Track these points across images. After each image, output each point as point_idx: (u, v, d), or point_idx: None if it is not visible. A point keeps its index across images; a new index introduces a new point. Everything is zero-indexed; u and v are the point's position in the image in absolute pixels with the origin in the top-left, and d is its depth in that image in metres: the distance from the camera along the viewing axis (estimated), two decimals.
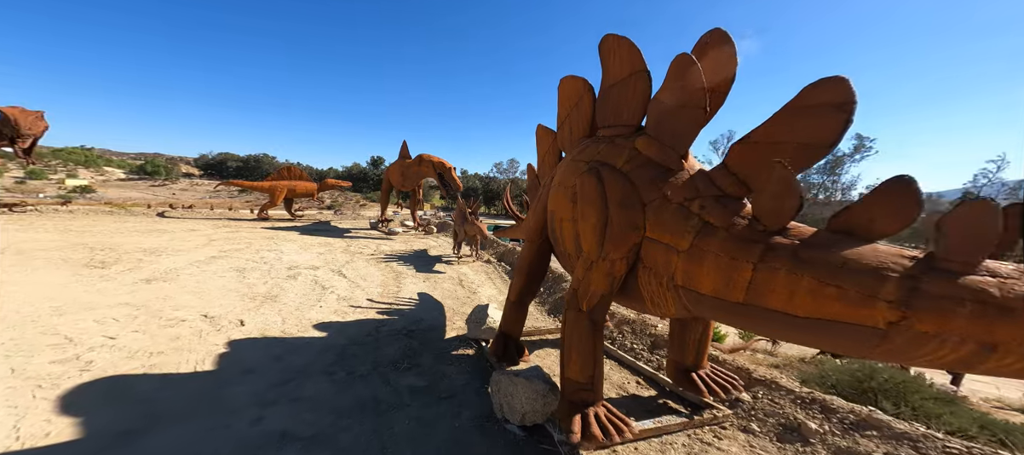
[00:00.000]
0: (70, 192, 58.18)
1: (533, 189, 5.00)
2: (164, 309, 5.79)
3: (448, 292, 7.79)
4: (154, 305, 5.92)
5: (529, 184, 5.24)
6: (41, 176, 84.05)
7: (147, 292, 6.49)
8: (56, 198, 32.52)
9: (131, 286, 6.75)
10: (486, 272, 9.97)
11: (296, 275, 8.35)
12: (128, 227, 14.06)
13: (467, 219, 10.62)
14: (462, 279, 8.93)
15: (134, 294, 6.32)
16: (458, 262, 10.80)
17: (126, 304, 5.85)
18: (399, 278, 8.71)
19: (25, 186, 63.93)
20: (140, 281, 7.08)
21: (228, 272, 8.26)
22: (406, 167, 17.71)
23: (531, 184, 5.15)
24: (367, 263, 10.30)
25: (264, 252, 10.89)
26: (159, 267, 8.15)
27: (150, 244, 10.65)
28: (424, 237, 17.77)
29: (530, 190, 5.29)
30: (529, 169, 5.15)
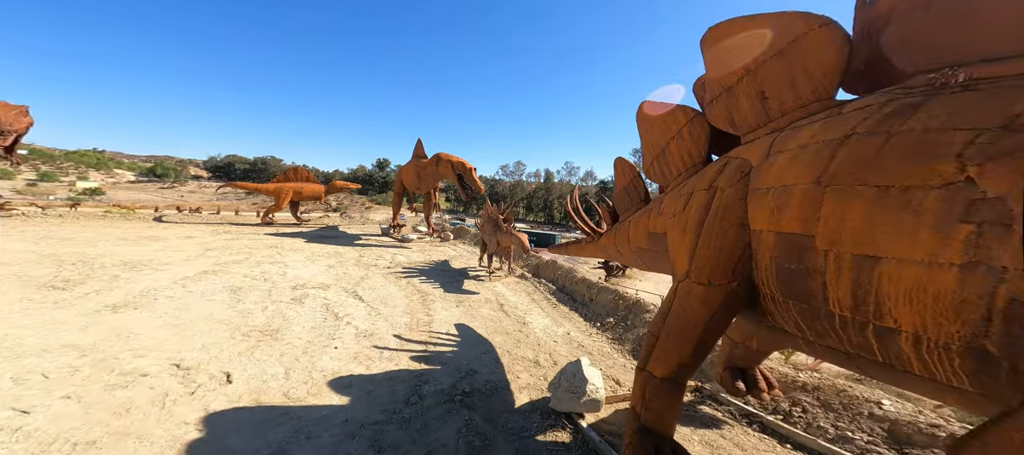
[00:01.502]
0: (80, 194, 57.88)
1: (631, 203, 3.66)
2: (122, 355, 4.22)
3: (491, 322, 6.15)
4: (110, 348, 4.35)
5: (619, 199, 3.84)
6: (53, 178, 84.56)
7: (107, 326, 4.94)
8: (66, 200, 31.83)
9: (89, 317, 5.21)
10: (526, 291, 8.32)
11: (303, 297, 6.78)
12: (118, 233, 12.68)
13: (500, 228, 9.00)
14: (502, 302, 7.29)
15: (88, 331, 4.76)
16: (490, 278, 9.17)
17: (72, 347, 4.29)
18: (426, 301, 7.10)
19: (36, 188, 63.95)
20: (104, 308, 5.55)
21: (220, 293, 6.72)
22: (422, 167, 16.15)
23: (625, 198, 3.78)
24: (384, 279, 8.71)
25: (265, 264, 9.37)
26: (135, 287, 6.63)
27: (134, 255, 9.18)
28: (441, 245, 16.20)
29: (619, 202, 3.86)
30: (630, 181, 3.68)
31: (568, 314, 6.75)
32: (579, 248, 4.91)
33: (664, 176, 3.10)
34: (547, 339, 5.47)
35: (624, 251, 3.66)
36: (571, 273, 8.33)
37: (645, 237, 3.13)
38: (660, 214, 2.89)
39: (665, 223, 2.71)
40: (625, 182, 3.87)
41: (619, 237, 3.69)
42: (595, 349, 5.32)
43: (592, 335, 5.81)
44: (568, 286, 8.01)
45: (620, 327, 5.87)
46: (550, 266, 9.31)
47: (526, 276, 9.65)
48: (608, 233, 4.11)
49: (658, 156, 3.12)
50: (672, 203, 2.66)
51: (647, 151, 3.27)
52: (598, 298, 6.76)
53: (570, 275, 8.27)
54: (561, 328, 6.01)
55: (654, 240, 3.01)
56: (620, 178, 3.95)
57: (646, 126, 3.25)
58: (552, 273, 9.02)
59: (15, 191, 55.60)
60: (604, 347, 5.38)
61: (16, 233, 11.21)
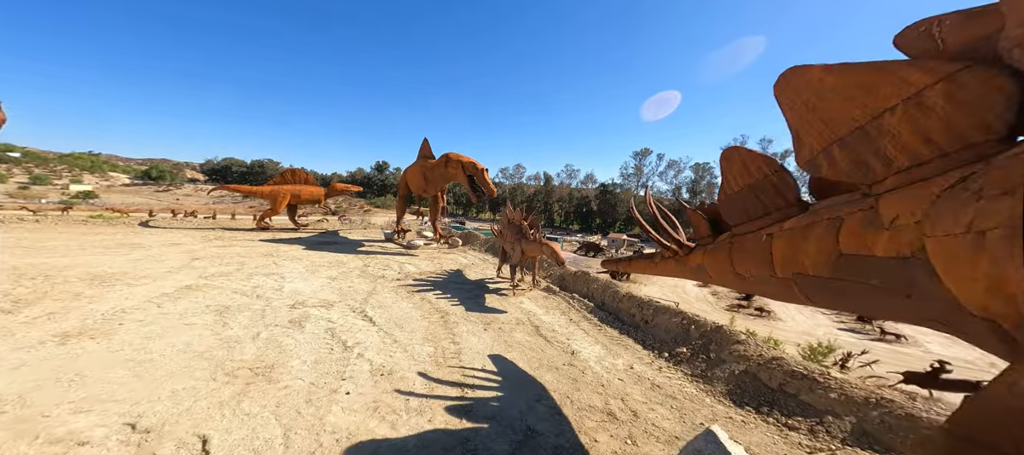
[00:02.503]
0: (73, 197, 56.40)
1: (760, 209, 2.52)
2: (57, 411, 3.10)
3: (532, 352, 5.05)
4: (43, 399, 3.24)
5: (733, 204, 2.72)
6: (45, 181, 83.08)
7: (49, 365, 3.81)
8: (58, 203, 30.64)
9: (28, 351, 4.07)
10: (559, 309, 7.23)
11: (303, 319, 5.66)
12: (96, 241, 11.52)
13: (525, 236, 7.92)
14: (536, 324, 6.20)
15: (19, 372, 3.62)
16: (514, 293, 8.07)
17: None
18: (448, 323, 6.00)
19: (29, 191, 62.62)
20: (51, 339, 4.41)
21: (202, 314, 5.60)
22: (429, 169, 15.09)
23: (747, 203, 2.63)
24: (395, 294, 7.61)
25: (259, 276, 8.25)
26: (97, 309, 5.50)
27: (108, 267, 8.04)
28: (449, 252, 15.11)
29: (733, 208, 2.75)
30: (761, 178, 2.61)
31: (619, 339, 5.67)
32: (648, 265, 3.73)
33: (860, 168, 2.05)
34: (610, 377, 4.39)
35: (751, 274, 2.58)
36: (611, 288, 7.26)
37: (828, 260, 2.06)
38: (892, 228, 1.81)
39: (935, 246, 1.62)
40: (748, 180, 2.75)
41: (740, 255, 2.62)
42: (675, 389, 4.23)
43: (662, 369, 4.74)
44: (610, 303, 6.93)
45: (700, 361, 4.80)
46: (582, 278, 8.22)
47: (553, 289, 8.57)
48: (705, 249, 3.04)
49: (852, 136, 2.07)
50: (955, 212, 1.59)
51: (818, 131, 2.23)
52: (656, 320, 5.67)
53: (610, 290, 7.20)
54: (619, 360, 4.92)
55: (856, 267, 1.94)
56: (738, 174, 2.83)
57: (821, 91, 2.19)
58: (585, 286, 7.93)
59: (7, 194, 54.26)
60: (686, 388, 4.30)
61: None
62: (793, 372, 3.91)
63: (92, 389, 3.50)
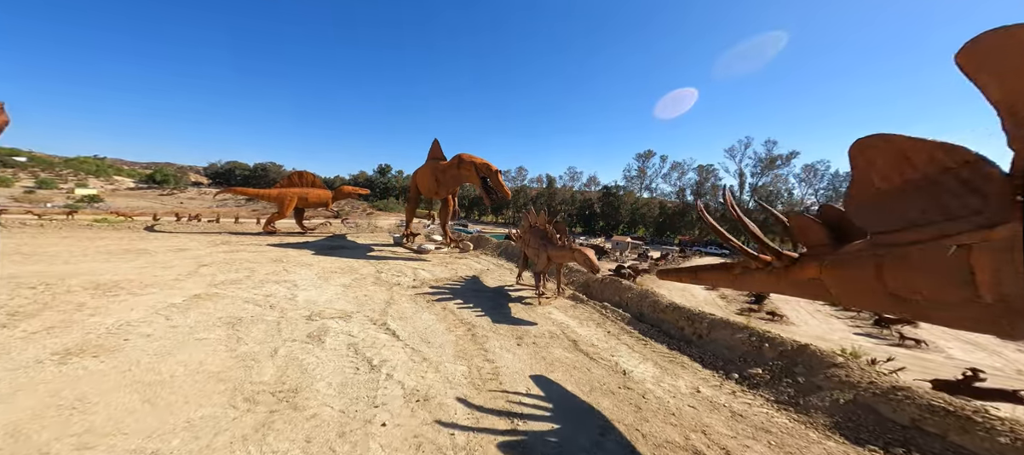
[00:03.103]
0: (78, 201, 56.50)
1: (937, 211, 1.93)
2: (55, 447, 2.70)
3: (578, 372, 4.57)
4: (39, 433, 2.82)
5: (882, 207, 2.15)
6: (51, 185, 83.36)
7: (46, 389, 3.40)
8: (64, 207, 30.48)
9: (24, 371, 3.66)
10: (593, 320, 6.77)
11: (322, 333, 5.25)
12: (100, 246, 11.17)
13: (552, 241, 7.49)
14: (574, 338, 5.73)
15: (13, 400, 3.20)
16: (539, 302, 7.62)
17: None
18: (477, 337, 5.57)
19: (34, 195, 62.82)
20: (50, 357, 4.01)
21: (214, 328, 5.19)
22: (441, 170, 14.71)
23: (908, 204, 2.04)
24: (414, 303, 7.19)
25: (270, 284, 7.85)
26: (102, 322, 5.10)
27: (112, 274, 7.66)
28: (461, 256, 14.69)
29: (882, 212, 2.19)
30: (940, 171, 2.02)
31: (672, 357, 5.17)
32: (724, 277, 3.14)
33: None
34: (677, 403, 3.89)
35: (925, 296, 2.02)
36: (650, 297, 6.77)
37: None
38: None
39: None
40: (910, 175, 2.13)
41: (902, 272, 2.05)
42: (763, 420, 3.71)
43: (737, 394, 4.23)
44: (650, 314, 6.43)
45: (785, 385, 4.24)
46: (612, 286, 7.75)
47: (580, 297, 8.12)
48: (821, 261, 2.52)
49: None
50: None
51: None
52: (715, 335, 5.18)
53: (649, 300, 6.71)
54: (680, 381, 4.42)
55: None
56: (890, 169, 2.18)
57: None
58: (617, 294, 7.46)
59: (12, 198, 54.37)
60: (777, 418, 3.76)
61: None
62: (933, 407, 3.32)
63: (97, 418, 3.09)
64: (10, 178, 70.11)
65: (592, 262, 6.41)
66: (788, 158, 69.07)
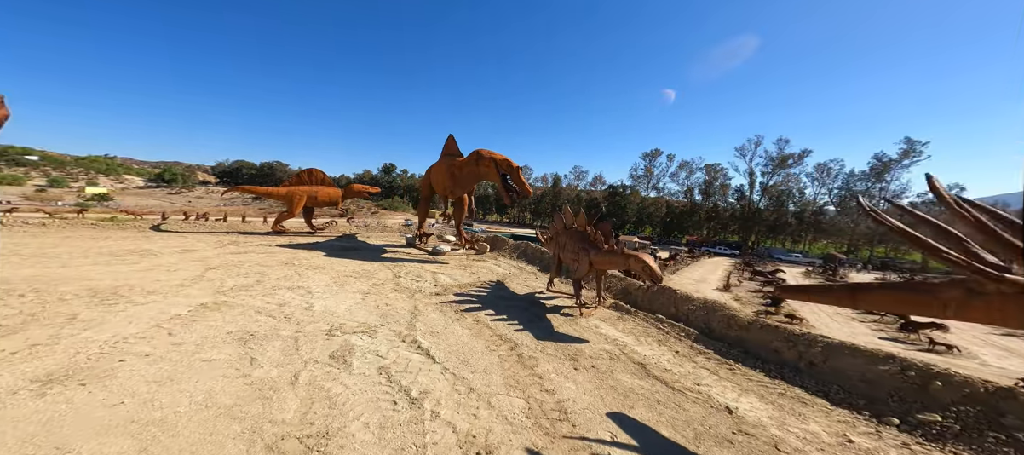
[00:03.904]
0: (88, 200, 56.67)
1: None
2: None
3: (664, 406, 3.69)
4: None
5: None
6: (62, 184, 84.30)
7: (14, 434, 2.69)
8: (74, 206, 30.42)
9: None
10: (649, 334, 5.90)
11: (346, 352, 4.53)
12: (103, 247, 10.60)
13: (596, 246, 6.64)
14: (638, 359, 4.89)
15: None
16: (581, 313, 6.81)
17: None
18: (523, 357, 4.81)
19: (46, 193, 63.31)
20: (27, 386, 3.32)
21: (223, 344, 4.50)
22: (458, 168, 13.96)
23: None
24: (442, 314, 6.46)
25: (283, 291, 7.17)
26: (94, 337, 4.42)
27: (113, 279, 7.02)
28: (479, 258, 13.96)
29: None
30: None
31: (778, 387, 4.31)
32: (920, 301, 2.24)
33: None
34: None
35: None
36: (720, 311, 5.92)
37: None
38: None
39: None
40: None
41: None
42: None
43: (913, 448, 3.31)
44: (723, 330, 5.60)
45: (988, 440, 3.22)
46: (663, 295, 6.88)
47: (624, 307, 7.31)
48: None
49: None
50: None
51: None
52: (837, 363, 4.22)
53: (719, 313, 5.87)
54: (812, 425, 3.57)
55: None
56: None
57: None
58: (672, 305, 6.58)
59: (24, 197, 54.69)
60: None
61: None
62: None
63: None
64: (22, 176, 70.91)
65: (653, 270, 5.54)
66: (800, 157, 67.46)
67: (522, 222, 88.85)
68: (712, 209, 75.10)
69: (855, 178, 65.49)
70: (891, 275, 40.21)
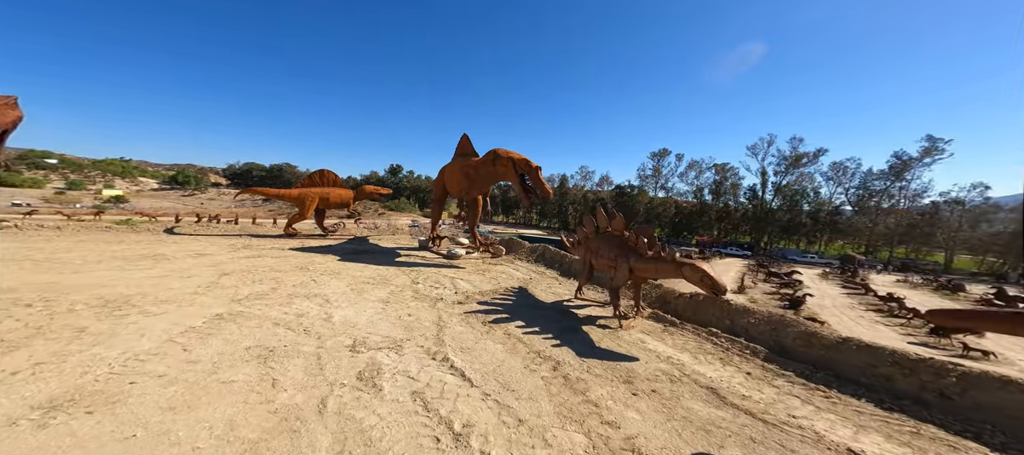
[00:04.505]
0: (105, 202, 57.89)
1: None
2: None
3: (766, 447, 3.15)
4: None
5: None
6: (80, 186, 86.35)
7: None
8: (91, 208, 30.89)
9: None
10: (709, 353, 5.22)
11: (374, 374, 4.10)
12: (116, 251, 10.41)
13: (638, 253, 6.08)
14: (705, 382, 4.29)
15: None
16: (621, 325, 6.28)
17: None
18: (569, 378, 4.33)
19: (64, 196, 64.64)
20: (28, 414, 2.95)
21: (242, 363, 4.11)
22: (473, 168, 13.53)
23: None
24: (470, 327, 6.00)
25: (300, 299, 6.80)
26: (103, 354, 4.06)
27: (123, 286, 6.72)
28: (496, 262, 13.50)
29: None
30: None
31: (906, 423, 3.62)
32: None
33: None
34: None
35: None
36: (793, 327, 5.24)
37: None
38: None
39: None
40: None
41: None
42: None
43: None
44: (804, 350, 4.90)
45: None
46: (710, 306, 6.25)
47: (665, 318, 6.74)
48: None
49: None
50: None
51: None
52: (979, 397, 3.56)
53: (793, 330, 5.19)
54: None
55: None
56: None
57: None
58: (728, 318, 5.94)
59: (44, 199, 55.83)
60: None
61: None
62: None
63: None
64: (42, 179, 72.73)
65: (714, 281, 4.80)
66: (815, 156, 65.75)
67: (528, 223, 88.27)
68: (723, 209, 73.64)
69: (873, 177, 63.63)
70: (913, 276, 38.69)
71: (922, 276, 38.16)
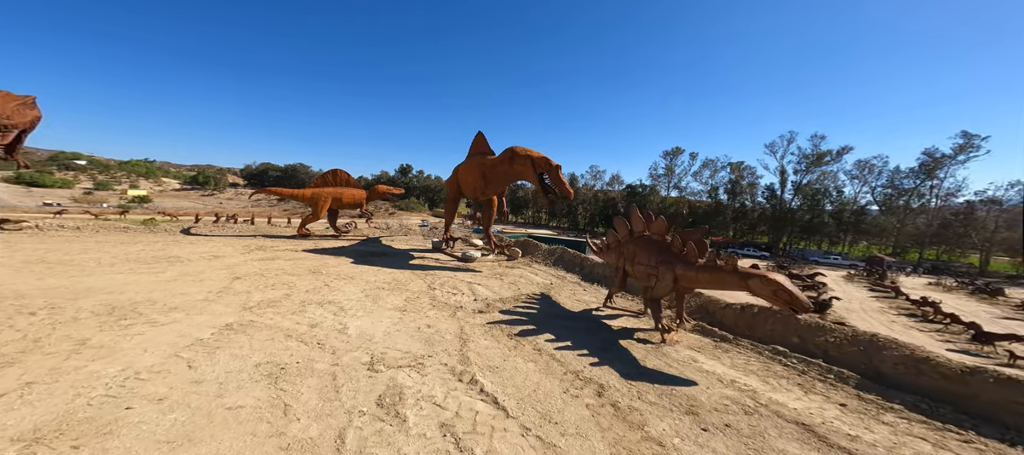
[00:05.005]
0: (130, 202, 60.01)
1: None
2: None
3: None
4: None
5: None
6: (107, 187, 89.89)
7: None
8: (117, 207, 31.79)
9: None
10: (780, 375, 4.54)
11: (396, 399, 3.61)
12: (131, 253, 10.28)
13: (686, 260, 5.36)
14: (788, 414, 3.59)
15: None
16: (664, 340, 5.64)
17: None
18: (619, 406, 3.74)
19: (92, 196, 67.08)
20: (5, 449, 2.58)
21: (251, 384, 3.68)
22: (489, 167, 13.00)
23: None
24: (495, 341, 5.47)
25: (313, 307, 6.39)
26: (101, 371, 3.68)
27: (133, 292, 6.42)
28: (513, 265, 12.97)
29: None
30: None
31: None
32: None
33: None
34: None
35: None
36: (881, 346, 4.48)
37: None
38: None
39: None
40: None
41: None
42: None
43: None
44: (904, 376, 4.11)
45: None
46: (770, 318, 5.58)
47: (711, 330, 6.10)
48: None
49: None
50: None
51: None
52: None
53: (895, 352, 4.34)
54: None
55: None
56: None
57: None
58: (789, 334, 5.10)
59: (73, 199, 57.93)
60: None
61: (5, 252, 8.93)
62: None
63: None
64: (71, 180, 75.89)
65: (795, 297, 3.96)
66: (838, 153, 62.96)
67: (537, 222, 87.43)
68: (739, 209, 71.30)
69: (902, 175, 60.57)
70: (946, 279, 36.47)
71: (956, 279, 35.91)
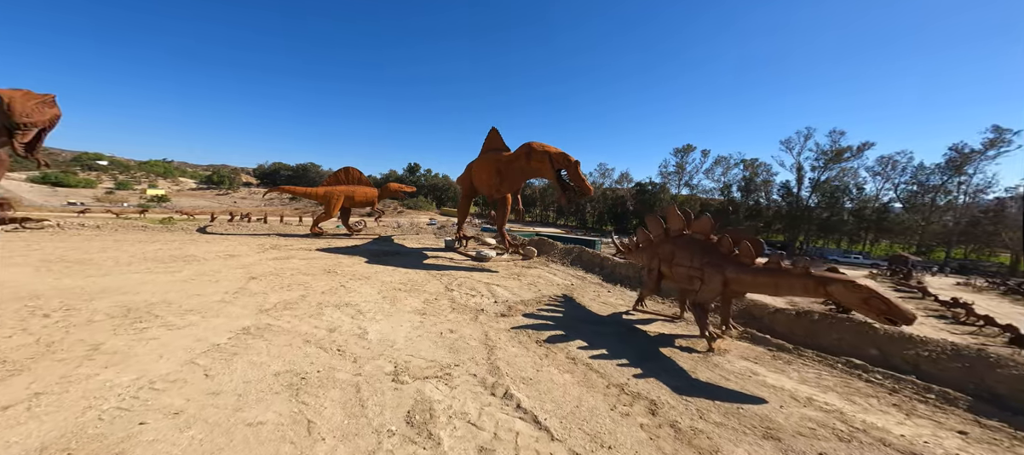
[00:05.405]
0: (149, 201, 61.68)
1: None
2: None
3: None
4: None
5: None
6: (127, 187, 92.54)
7: None
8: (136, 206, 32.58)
9: None
10: (869, 393, 3.91)
11: (427, 418, 3.27)
12: (149, 251, 10.24)
13: (740, 263, 4.83)
14: (904, 446, 3.16)
15: None
16: (710, 348, 5.11)
17: None
18: (679, 429, 3.33)
19: (113, 196, 69.11)
20: None
21: (271, 396, 3.39)
22: (505, 164, 12.62)
23: None
24: (524, 348, 5.10)
25: (330, 309, 6.13)
26: (113, 381, 3.42)
27: (149, 293, 6.25)
28: (529, 265, 12.58)
29: None
30: None
31: None
32: None
33: None
34: None
35: None
36: (991, 363, 3.83)
37: None
38: None
39: None
40: None
41: None
42: None
43: None
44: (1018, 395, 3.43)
45: None
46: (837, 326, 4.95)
47: (763, 338, 5.60)
48: None
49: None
50: None
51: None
52: None
53: (994, 367, 3.76)
54: None
55: None
56: None
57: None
58: (865, 345, 4.48)
59: (96, 199, 59.69)
60: None
61: (22, 253, 8.94)
62: None
63: None
64: (94, 180, 78.44)
65: (891, 305, 3.32)
66: (859, 150, 60.57)
67: (544, 221, 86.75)
68: (753, 207, 69.37)
69: (927, 171, 58.00)
70: (976, 279, 34.70)
71: (987, 279, 34.08)
